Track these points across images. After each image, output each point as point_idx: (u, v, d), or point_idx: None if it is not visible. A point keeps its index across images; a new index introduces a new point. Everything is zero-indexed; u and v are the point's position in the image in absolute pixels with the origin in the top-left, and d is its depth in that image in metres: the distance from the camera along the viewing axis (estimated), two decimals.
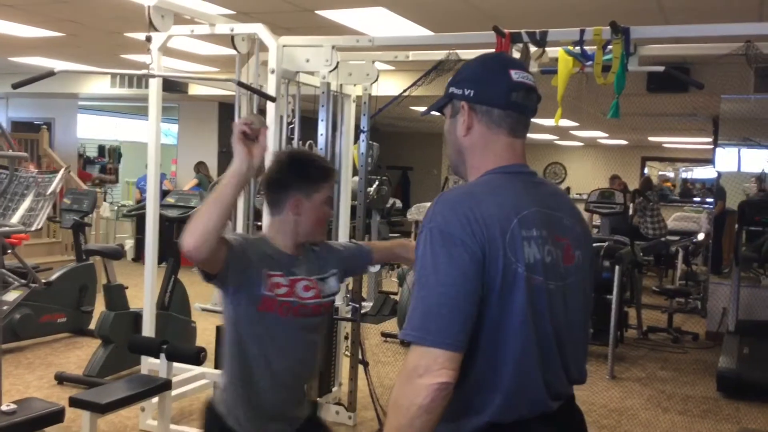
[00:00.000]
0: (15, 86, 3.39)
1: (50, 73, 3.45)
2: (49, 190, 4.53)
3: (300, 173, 2.10)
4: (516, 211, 1.47)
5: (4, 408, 2.93)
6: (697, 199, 15.01)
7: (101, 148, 14.22)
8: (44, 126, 10.45)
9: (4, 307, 5.24)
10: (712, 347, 6.61)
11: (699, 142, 12.55)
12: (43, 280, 5.20)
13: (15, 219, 4.33)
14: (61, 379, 4.93)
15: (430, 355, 1.36)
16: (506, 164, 1.56)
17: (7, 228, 3.89)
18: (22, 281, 4.58)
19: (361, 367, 4.33)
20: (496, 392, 1.45)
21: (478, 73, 1.60)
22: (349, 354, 4.47)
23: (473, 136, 1.57)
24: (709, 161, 10.49)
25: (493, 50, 3.46)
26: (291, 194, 2.09)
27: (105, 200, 10.87)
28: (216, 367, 4.01)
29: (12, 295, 5.49)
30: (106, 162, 14.01)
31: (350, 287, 4.41)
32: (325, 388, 4.38)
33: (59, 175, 4.73)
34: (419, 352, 1.37)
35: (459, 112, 1.58)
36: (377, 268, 4.34)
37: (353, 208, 4.44)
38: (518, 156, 1.59)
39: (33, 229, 4.41)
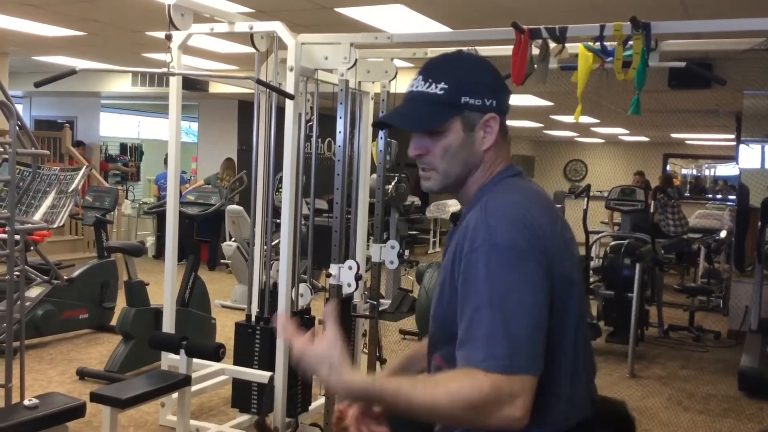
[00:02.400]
0: (37, 85, 3.43)
1: (72, 72, 3.48)
2: (71, 188, 4.58)
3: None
4: (555, 213, 1.42)
5: (26, 403, 2.96)
6: (709, 195, 14.85)
7: (123, 146, 14.36)
8: (67, 124, 10.56)
9: (27, 303, 5.31)
10: (734, 346, 6.54)
11: (722, 139, 12.41)
12: (66, 277, 5.26)
13: (37, 216, 4.38)
14: (83, 374, 4.98)
15: (520, 383, 1.25)
16: (509, 164, 1.51)
17: (29, 225, 3.93)
18: (45, 278, 4.64)
19: (379, 365, 4.34)
20: (557, 401, 1.40)
21: (491, 81, 1.48)
22: (366, 352, 4.48)
23: (496, 148, 1.48)
24: (733, 158, 10.37)
25: (512, 47, 3.44)
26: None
27: (126, 198, 10.97)
28: (235, 363, 4.03)
29: (35, 292, 5.55)
30: (128, 160, 14.16)
31: (368, 284, 4.41)
32: None
33: (81, 173, 4.78)
34: (503, 380, 1.24)
35: (476, 125, 1.45)
36: (396, 264, 4.33)
37: (371, 206, 4.44)
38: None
39: (55, 226, 4.46)
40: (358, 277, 3.81)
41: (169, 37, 3.65)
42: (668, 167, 15.11)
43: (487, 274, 1.29)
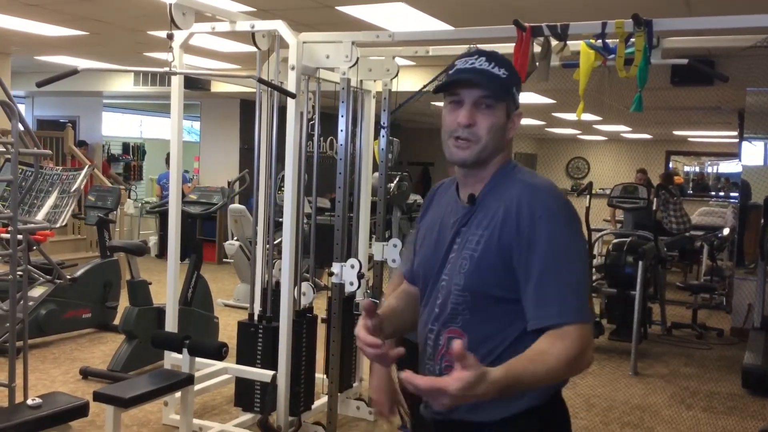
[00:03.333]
0: (39, 84, 3.43)
1: (73, 72, 3.48)
2: (74, 188, 4.58)
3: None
4: None
5: (29, 402, 2.97)
6: (713, 193, 14.82)
7: (126, 146, 14.37)
8: (69, 124, 10.57)
9: (30, 303, 5.32)
10: (738, 343, 6.53)
11: (724, 136, 12.39)
12: (69, 276, 5.27)
13: (40, 216, 4.39)
14: (86, 373, 4.99)
15: (589, 332, 1.48)
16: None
17: (32, 225, 3.94)
18: (48, 277, 4.65)
19: None
20: None
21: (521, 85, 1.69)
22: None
23: (510, 141, 1.68)
24: (735, 155, 10.35)
25: (513, 45, 3.44)
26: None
27: (129, 197, 10.97)
28: (238, 362, 4.03)
29: (38, 291, 5.57)
30: (130, 159, 14.16)
31: (370, 283, 4.41)
32: (347, 383, 4.39)
33: (83, 173, 4.78)
34: (585, 329, 1.47)
35: (511, 116, 1.61)
36: (398, 262, 4.33)
37: (374, 204, 4.44)
38: None
39: (57, 225, 4.47)
40: (360, 276, 3.81)
41: (170, 37, 3.65)
42: (671, 164, 15.08)
43: (552, 239, 1.49)
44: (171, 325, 4.13)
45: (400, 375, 1.31)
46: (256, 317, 4.03)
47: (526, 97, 8.42)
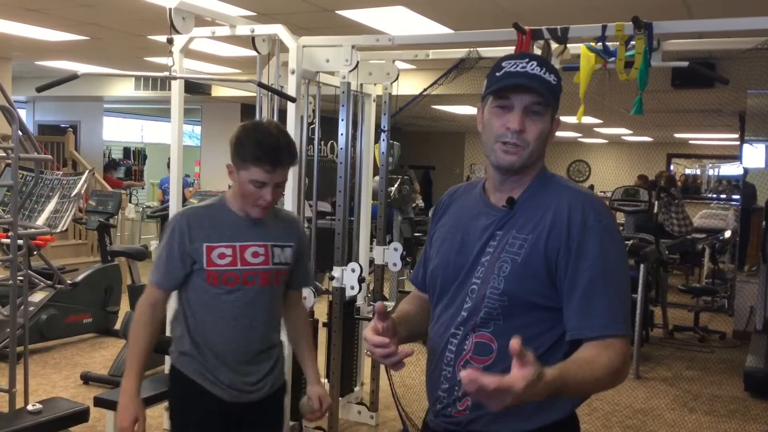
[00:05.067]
0: (39, 89, 3.42)
1: (74, 76, 3.48)
2: (74, 192, 4.58)
3: (237, 144, 2.11)
4: None
5: (30, 408, 2.96)
6: (712, 195, 14.80)
7: (127, 150, 14.38)
8: (70, 129, 10.58)
9: (31, 308, 5.31)
10: (740, 346, 6.51)
11: (726, 139, 12.37)
12: (69, 281, 5.26)
13: (40, 221, 4.38)
14: (87, 378, 4.98)
15: (629, 346, 1.51)
16: None
17: (32, 229, 3.93)
18: (48, 282, 4.63)
19: (382, 367, 4.33)
20: None
21: None
22: (370, 354, 4.47)
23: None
24: (737, 158, 10.33)
25: (513, 48, 3.44)
26: (230, 162, 2.15)
27: (130, 201, 10.98)
28: None
29: (38, 296, 5.56)
30: (131, 164, 14.17)
31: (371, 287, 4.41)
32: (348, 387, 4.38)
33: (84, 177, 4.78)
34: (627, 342, 1.49)
35: (553, 122, 1.60)
36: (399, 266, 4.33)
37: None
38: None
39: (58, 230, 4.46)
40: (361, 280, 3.80)
41: (170, 41, 3.65)
42: (672, 167, 15.06)
43: (602, 251, 1.49)
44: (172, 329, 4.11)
45: (459, 373, 1.30)
46: None
47: None
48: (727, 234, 9.17)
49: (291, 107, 3.69)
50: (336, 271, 3.81)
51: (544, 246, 1.50)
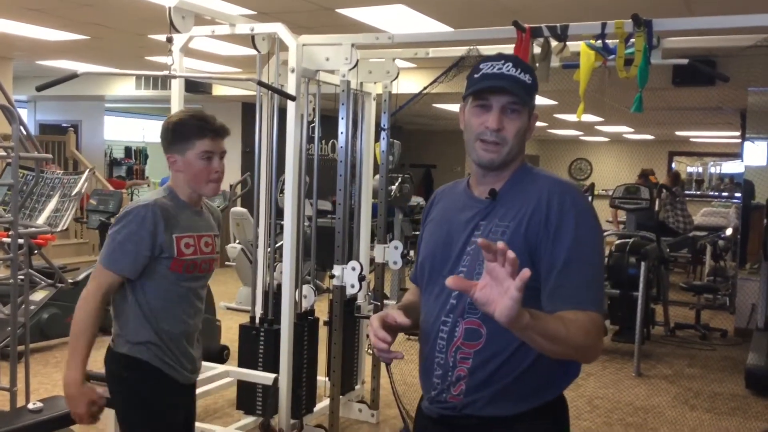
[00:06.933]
0: (39, 88, 3.42)
1: (73, 75, 3.48)
2: (75, 191, 4.58)
3: (175, 130, 2.27)
4: None
5: (30, 406, 2.97)
6: (713, 192, 14.79)
7: (128, 150, 14.39)
8: (71, 128, 10.59)
9: (32, 307, 5.32)
10: (741, 344, 6.51)
11: (727, 136, 12.36)
12: (70, 280, 5.26)
13: (41, 220, 4.39)
14: (88, 377, 4.97)
15: (604, 324, 1.60)
16: None
17: (33, 229, 3.94)
18: (49, 281, 4.64)
19: (383, 365, 4.32)
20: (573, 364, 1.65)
21: None
22: (371, 352, 4.47)
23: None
24: (738, 155, 10.33)
25: (513, 46, 3.43)
26: (169, 154, 2.30)
27: (131, 200, 10.98)
28: (240, 365, 4.03)
29: (39, 295, 5.56)
30: (132, 163, 14.18)
31: (372, 285, 4.41)
32: (348, 385, 4.39)
33: (84, 176, 4.78)
34: (601, 319, 1.55)
35: (530, 119, 1.67)
36: (399, 265, 4.33)
37: (375, 206, 4.44)
38: None
39: (59, 229, 4.47)
40: (361, 278, 3.80)
41: (170, 40, 3.65)
42: (674, 165, 15.04)
43: (577, 234, 1.55)
44: None
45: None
46: (257, 320, 4.03)
47: None
48: (729, 231, 9.16)
49: (291, 106, 3.69)
50: (336, 270, 3.81)
51: (525, 231, 1.58)
